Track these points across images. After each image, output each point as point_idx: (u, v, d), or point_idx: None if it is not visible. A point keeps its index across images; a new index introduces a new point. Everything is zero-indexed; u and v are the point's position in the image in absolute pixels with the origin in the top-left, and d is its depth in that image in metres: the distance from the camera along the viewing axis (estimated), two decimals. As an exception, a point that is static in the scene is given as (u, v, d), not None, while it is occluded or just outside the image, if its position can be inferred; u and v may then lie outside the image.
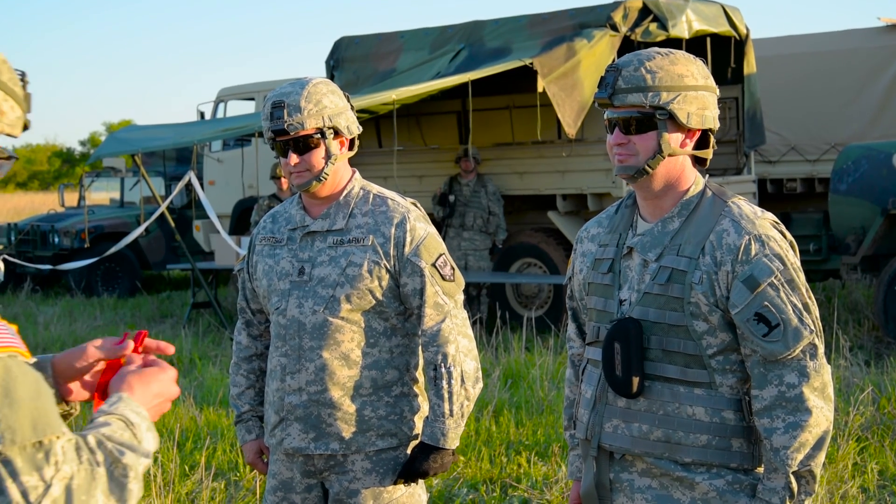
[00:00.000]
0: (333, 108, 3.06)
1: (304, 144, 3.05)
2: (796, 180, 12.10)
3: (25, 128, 1.71)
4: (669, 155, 2.52)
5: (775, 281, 2.45)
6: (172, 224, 11.69)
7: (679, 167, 2.56)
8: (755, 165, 11.72)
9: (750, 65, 10.99)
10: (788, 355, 2.44)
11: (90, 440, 1.60)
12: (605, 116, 2.57)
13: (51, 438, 1.53)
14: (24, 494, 1.50)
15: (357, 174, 3.24)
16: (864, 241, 9.65)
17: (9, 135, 1.69)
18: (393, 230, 3.09)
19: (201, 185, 13.27)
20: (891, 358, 8.47)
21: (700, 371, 2.50)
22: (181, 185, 11.41)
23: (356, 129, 3.13)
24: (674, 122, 2.50)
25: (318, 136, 3.05)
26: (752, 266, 2.46)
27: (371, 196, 3.17)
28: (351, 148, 3.16)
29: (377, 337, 3.10)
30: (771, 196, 12.08)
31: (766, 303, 2.44)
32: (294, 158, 3.06)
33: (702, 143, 2.59)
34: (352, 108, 3.15)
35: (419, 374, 3.20)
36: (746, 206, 2.56)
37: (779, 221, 2.56)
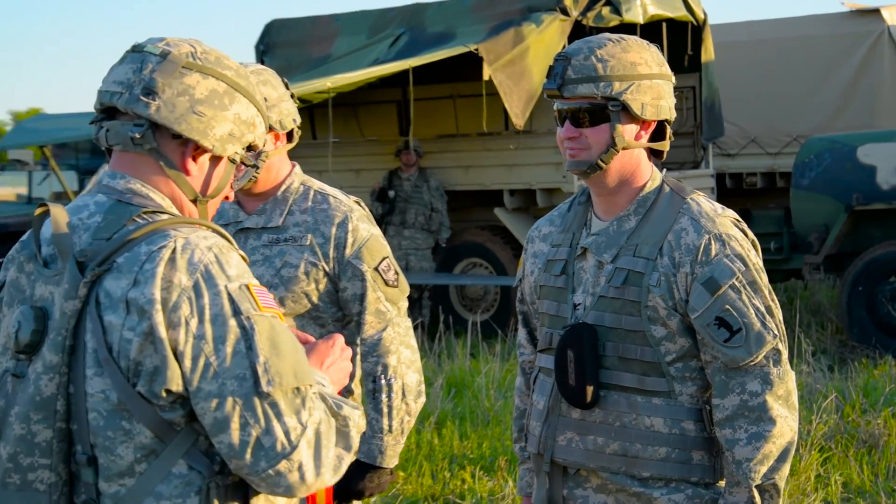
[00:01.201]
0: (264, 102, 3.04)
1: None
2: (756, 175, 12.23)
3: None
4: (623, 148, 2.54)
5: (737, 283, 2.48)
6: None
7: (634, 161, 2.58)
8: (713, 159, 11.84)
9: (708, 52, 11.11)
10: (751, 361, 2.47)
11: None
12: (555, 108, 2.58)
13: (306, 386, 1.88)
14: (287, 434, 1.84)
15: (297, 168, 3.21)
16: (828, 239, 9.73)
17: (254, 147, 2.08)
18: (334, 230, 3.07)
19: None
20: (855, 363, 8.60)
21: (658, 379, 2.52)
22: (95, 179, 11.27)
23: (292, 122, 3.10)
24: (627, 114, 2.52)
25: None
26: (712, 267, 2.49)
27: (312, 192, 3.15)
28: (290, 140, 3.14)
29: None
30: (730, 191, 12.20)
31: (727, 306, 2.47)
32: None
33: (658, 135, 2.61)
34: (292, 95, 3.12)
35: (356, 386, 3.18)
36: (706, 203, 2.58)
37: (740, 219, 2.59)
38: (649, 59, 2.53)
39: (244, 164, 2.08)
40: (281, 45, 11.29)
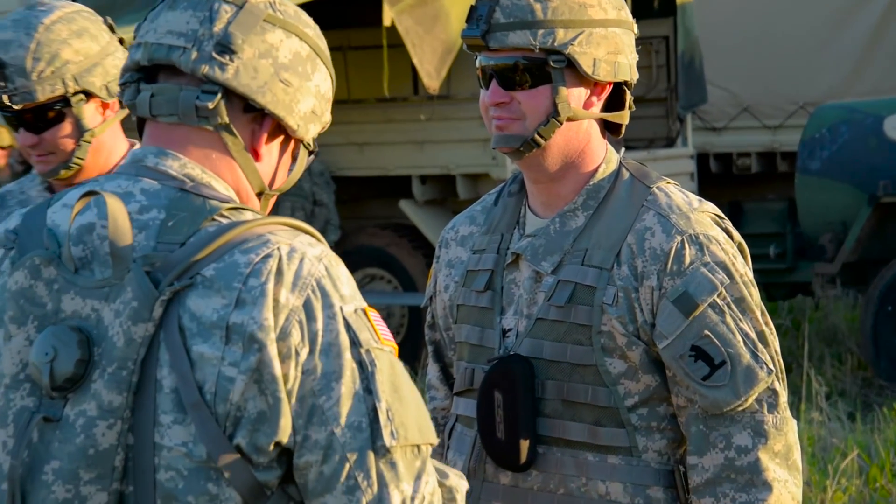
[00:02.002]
0: (81, 61, 3.03)
1: (39, 119, 3.03)
2: (751, 155, 12.35)
3: None
4: (569, 119, 2.56)
5: (719, 300, 2.52)
6: None
7: (583, 137, 2.60)
8: (693, 134, 11.94)
9: (685, -10, 11.24)
10: (738, 406, 2.50)
11: None
12: (478, 64, 2.59)
13: (427, 446, 1.95)
14: (391, 490, 1.90)
15: (138, 147, 3.20)
16: (846, 241, 9.79)
17: (303, 140, 2.12)
18: None
19: None
20: (883, 409, 8.60)
21: (616, 430, 2.55)
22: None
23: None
24: (574, 73, 2.55)
25: (60, 105, 3.03)
26: (686, 280, 2.52)
27: None
28: (124, 107, 3.13)
29: None
30: (716, 177, 12.30)
31: (706, 332, 2.50)
32: (29, 138, 3.04)
33: (615, 103, 2.64)
34: (121, 43, 3.12)
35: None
36: (677, 194, 2.62)
37: (723, 216, 2.63)
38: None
39: (312, 154, 2.17)
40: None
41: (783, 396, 2.55)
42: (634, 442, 2.55)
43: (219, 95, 2.00)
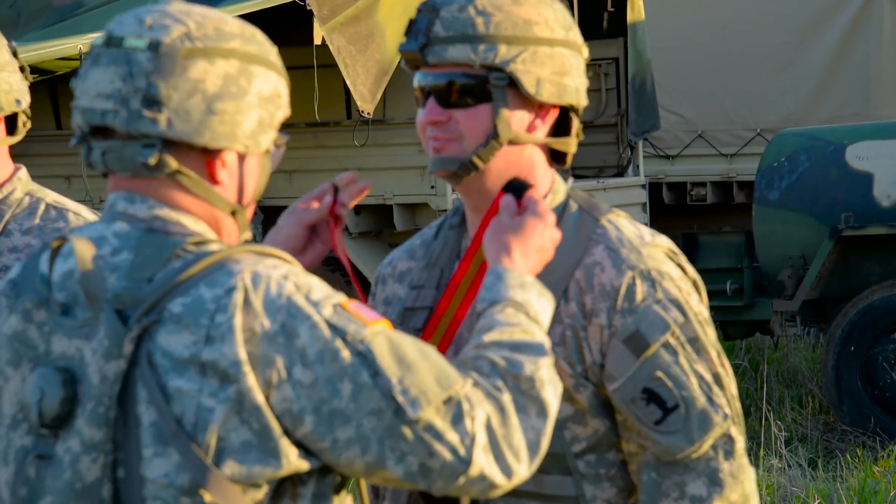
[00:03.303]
0: None
1: None
2: (706, 185, 12.42)
3: None
4: (510, 142, 2.56)
5: (672, 340, 2.53)
6: None
7: (525, 163, 2.60)
8: (645, 162, 11.97)
9: (636, 9, 11.27)
10: (692, 453, 2.51)
11: (483, 366, 2.21)
12: (416, 82, 2.60)
13: (456, 389, 2.14)
14: (454, 451, 2.12)
15: (23, 172, 3.23)
16: (806, 277, 9.82)
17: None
18: None
19: None
20: (847, 455, 8.65)
21: (562, 478, 2.56)
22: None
23: (14, 103, 3.10)
24: (517, 93, 2.55)
25: None
26: (637, 318, 2.53)
27: (42, 207, 3.19)
28: (12, 131, 3.14)
29: None
30: (669, 208, 12.36)
31: (658, 373, 2.51)
32: None
33: (561, 129, 2.65)
34: (15, 58, 3.11)
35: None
36: (629, 227, 2.62)
37: (677, 250, 2.64)
38: (551, 17, 2.57)
39: (278, 148, 2.32)
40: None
41: (740, 443, 2.56)
42: (582, 490, 2.56)
43: (157, 147, 2.14)
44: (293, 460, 2.10)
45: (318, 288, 2.17)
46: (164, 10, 2.19)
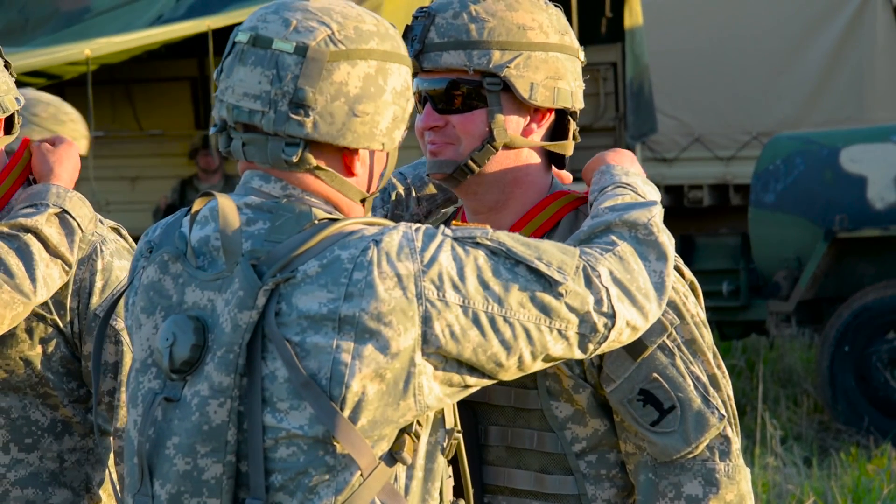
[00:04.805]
0: None
1: None
2: (702, 188, 12.41)
3: None
4: (506, 146, 2.57)
5: (668, 342, 2.53)
6: None
7: (521, 167, 2.61)
8: (643, 165, 11.89)
9: (634, 15, 11.27)
10: (689, 453, 2.51)
11: (597, 226, 2.38)
12: (414, 88, 2.59)
13: (576, 257, 2.28)
14: (597, 310, 2.27)
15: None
16: (801, 278, 9.83)
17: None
18: (73, 268, 3.05)
19: None
20: (841, 454, 8.66)
21: (563, 478, 2.55)
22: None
23: (15, 102, 3.08)
24: (512, 98, 2.56)
25: None
26: (634, 320, 2.53)
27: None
28: (9, 129, 3.13)
29: (38, 435, 3.07)
30: (666, 211, 12.16)
31: (654, 374, 2.51)
32: None
33: (558, 133, 2.65)
34: (6, 66, 3.11)
35: (105, 494, 3.16)
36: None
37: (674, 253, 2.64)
38: (545, 23, 2.57)
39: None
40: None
41: (736, 443, 2.55)
42: (584, 490, 2.56)
43: (301, 147, 2.25)
44: (424, 403, 2.20)
45: (431, 228, 2.25)
46: (306, 8, 2.27)
